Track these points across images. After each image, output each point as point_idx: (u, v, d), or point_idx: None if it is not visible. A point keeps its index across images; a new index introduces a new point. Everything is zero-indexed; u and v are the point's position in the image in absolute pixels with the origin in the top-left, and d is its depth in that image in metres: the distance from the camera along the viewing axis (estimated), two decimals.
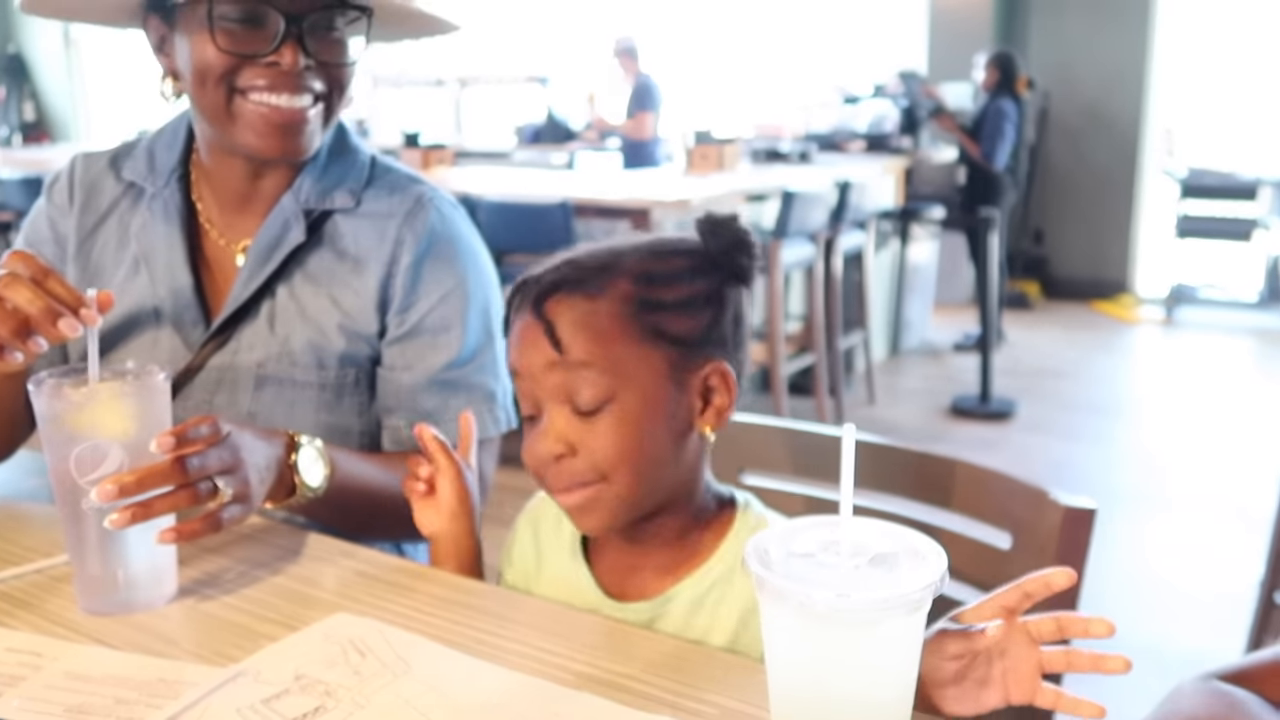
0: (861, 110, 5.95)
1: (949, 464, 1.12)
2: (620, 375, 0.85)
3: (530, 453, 0.88)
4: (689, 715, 0.74)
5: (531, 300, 0.87)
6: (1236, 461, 3.96)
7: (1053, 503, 1.01)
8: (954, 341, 5.65)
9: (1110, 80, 6.66)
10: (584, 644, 0.84)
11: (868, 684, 0.65)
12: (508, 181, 4.94)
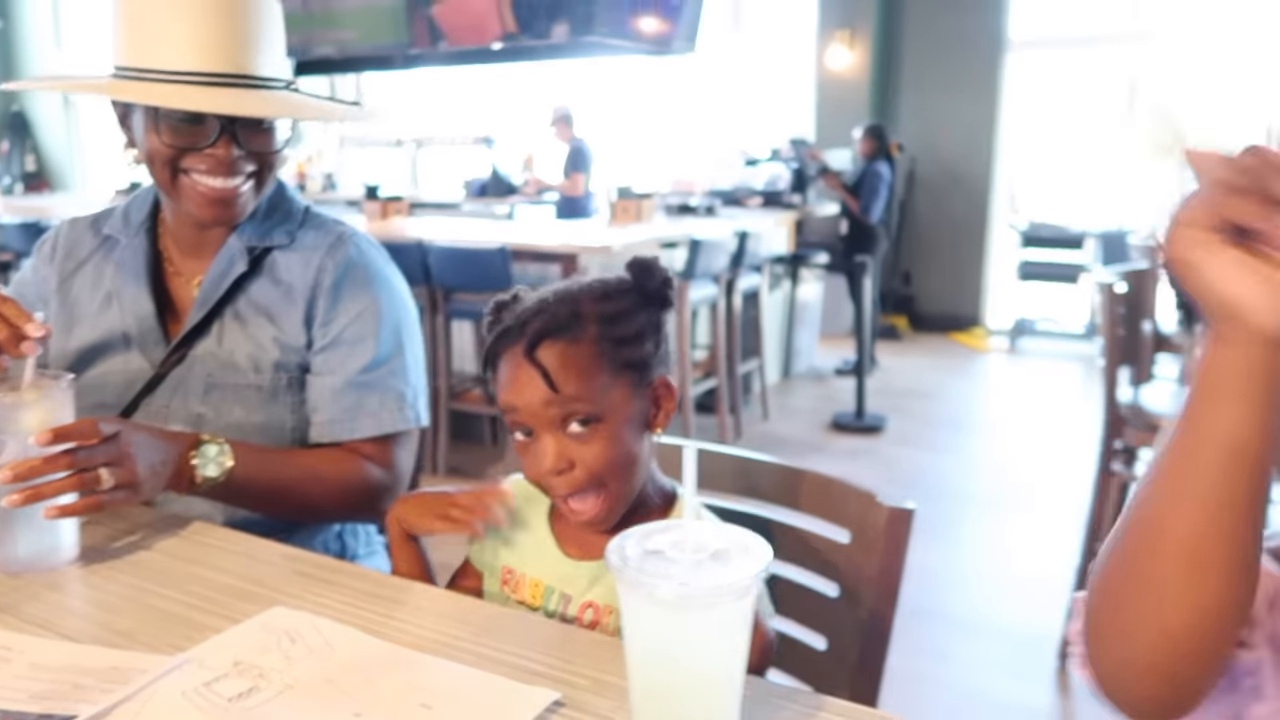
0: (759, 171, 6.04)
1: (800, 474, 1.15)
2: (603, 402, 0.89)
3: (534, 469, 0.92)
4: (564, 685, 0.76)
5: (522, 348, 0.89)
6: (1066, 468, 4.08)
7: (880, 505, 1.05)
8: (835, 366, 5.74)
9: (966, 147, 6.81)
10: (482, 629, 0.86)
11: (706, 656, 0.68)
12: (455, 229, 4.93)
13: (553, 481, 0.91)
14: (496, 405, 0.94)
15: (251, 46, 1.16)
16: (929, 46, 6.79)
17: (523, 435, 0.92)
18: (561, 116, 6.22)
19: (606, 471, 0.90)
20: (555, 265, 4.20)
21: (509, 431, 0.94)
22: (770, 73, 7.54)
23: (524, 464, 0.94)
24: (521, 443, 0.93)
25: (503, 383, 0.92)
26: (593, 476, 0.90)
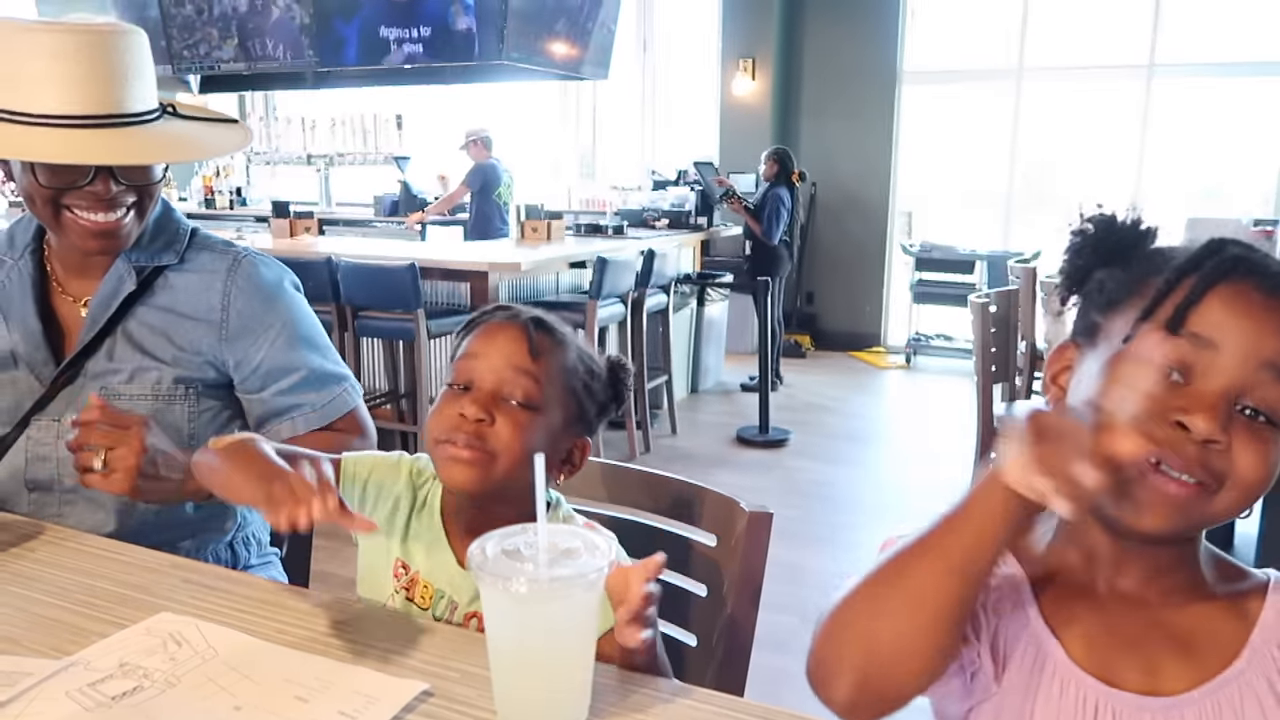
0: (667, 193, 6.15)
1: (669, 481, 1.23)
2: (550, 402, 0.99)
3: (451, 409, 0.96)
4: (434, 678, 0.81)
5: (524, 323, 1.00)
6: (953, 478, 4.23)
7: (741, 510, 1.13)
8: (742, 382, 5.85)
9: (864, 173, 7.01)
10: (360, 629, 0.91)
11: (557, 643, 0.75)
12: (365, 247, 4.92)
13: (457, 427, 0.95)
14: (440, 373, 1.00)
15: (121, 83, 1.16)
16: (827, 76, 7.02)
17: (460, 388, 0.98)
18: (478, 138, 6.23)
19: (507, 449, 0.96)
20: (464, 283, 4.23)
21: (445, 384, 1.00)
22: (678, 98, 7.69)
23: (437, 417, 0.97)
24: (452, 394, 0.98)
25: (476, 338, 1.00)
26: (499, 441, 0.96)
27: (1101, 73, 6.61)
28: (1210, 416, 0.67)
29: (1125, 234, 0.78)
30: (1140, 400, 0.69)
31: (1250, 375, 0.68)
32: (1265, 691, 0.71)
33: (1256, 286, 0.69)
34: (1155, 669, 0.72)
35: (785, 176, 5.78)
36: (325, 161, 6.97)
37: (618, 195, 6.64)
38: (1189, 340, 0.69)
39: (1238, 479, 0.68)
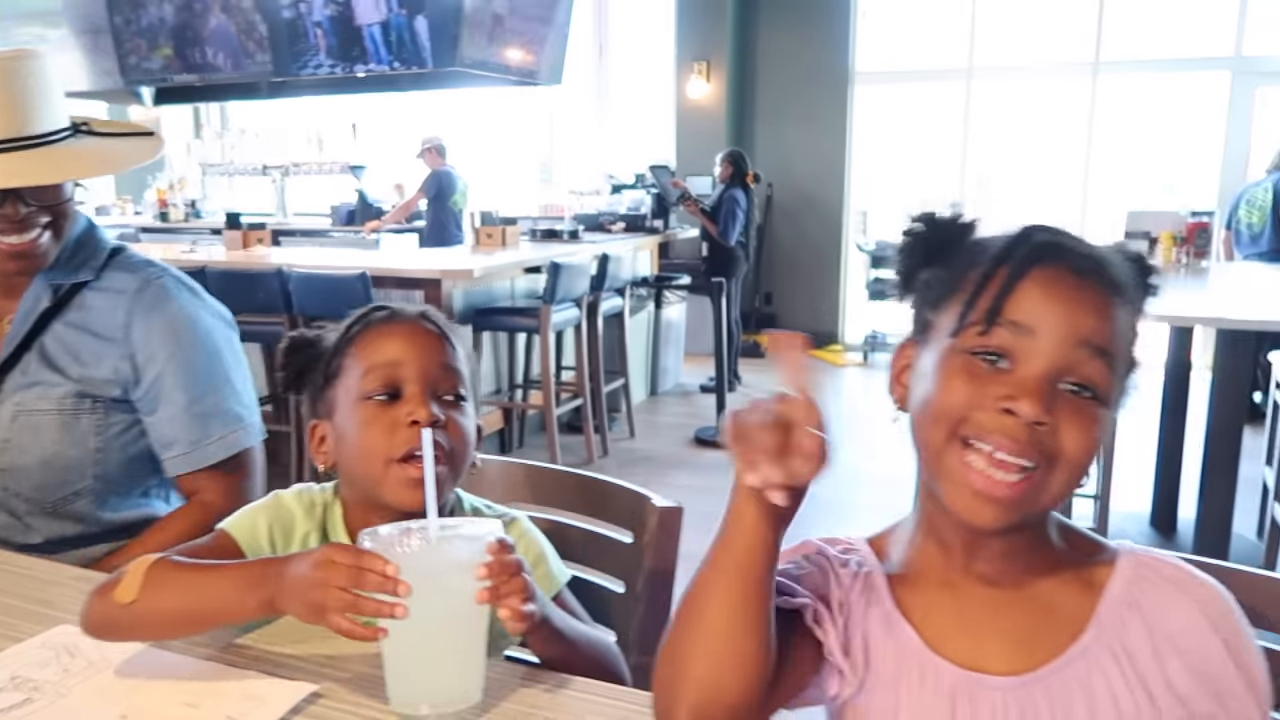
0: (623, 197, 6.17)
1: (584, 479, 1.24)
2: (470, 390, 1.01)
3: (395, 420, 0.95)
4: (324, 679, 0.82)
5: (424, 317, 1.01)
6: (909, 472, 4.31)
7: (653, 505, 1.15)
8: (701, 384, 5.87)
9: (819, 174, 7.07)
10: (253, 635, 0.91)
11: (447, 618, 0.78)
12: (318, 257, 4.89)
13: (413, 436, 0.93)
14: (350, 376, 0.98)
15: (24, 108, 1.18)
16: (781, 78, 7.07)
17: (384, 397, 0.96)
18: (432, 146, 6.21)
19: (463, 445, 0.98)
20: (418, 291, 4.22)
21: (361, 398, 0.96)
22: (634, 102, 7.71)
23: (377, 433, 0.95)
24: (380, 406, 0.96)
25: (382, 345, 0.98)
26: (456, 439, 0.97)
27: (1049, 71, 6.72)
28: (1035, 399, 0.69)
29: (947, 230, 0.80)
30: (969, 392, 0.71)
31: (1069, 354, 0.70)
32: (1109, 664, 0.72)
33: (1066, 269, 0.72)
34: (1011, 649, 0.74)
35: (740, 178, 5.82)
36: (281, 172, 6.92)
37: (575, 200, 6.65)
38: (1008, 328, 0.71)
39: (1067, 456, 0.70)
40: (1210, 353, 3.06)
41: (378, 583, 0.76)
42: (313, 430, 1.03)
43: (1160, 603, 0.73)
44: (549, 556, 1.06)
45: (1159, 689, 0.71)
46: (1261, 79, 6.12)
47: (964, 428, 0.71)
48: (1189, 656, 0.72)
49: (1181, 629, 0.72)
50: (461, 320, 4.29)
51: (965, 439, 0.71)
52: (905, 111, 7.22)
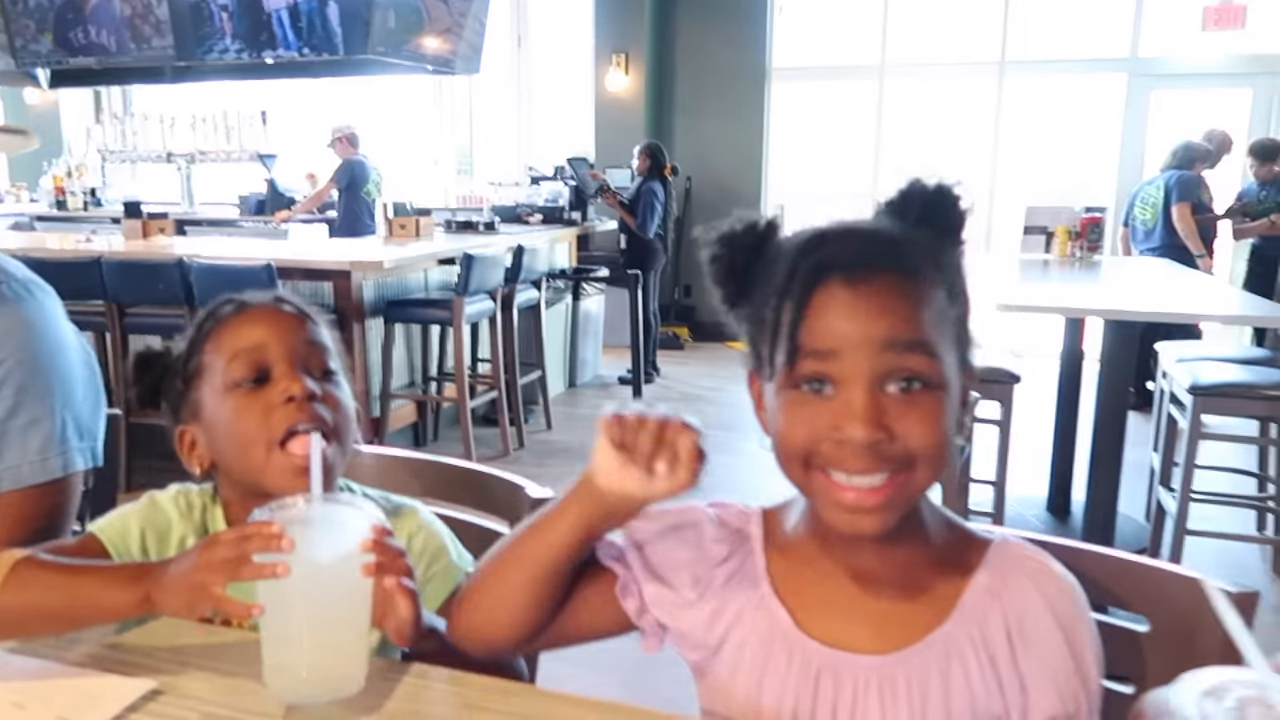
0: (542, 189, 6.14)
1: (459, 469, 1.23)
2: (340, 365, 1.02)
3: (268, 402, 0.93)
4: (167, 676, 0.80)
5: (276, 300, 1.00)
6: None
7: (526, 495, 1.15)
8: (620, 375, 5.88)
9: (737, 168, 7.14)
10: (93, 631, 0.88)
11: (326, 597, 0.77)
12: (223, 247, 4.76)
13: (294, 417, 0.91)
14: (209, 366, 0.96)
15: None
16: (699, 71, 7.12)
17: (252, 382, 0.94)
18: (344, 134, 6.08)
19: (346, 420, 0.96)
20: (327, 283, 4.13)
21: (229, 388, 0.94)
22: (553, 93, 7.68)
23: (252, 419, 0.92)
24: (246, 393, 0.94)
25: (241, 333, 0.95)
26: (338, 413, 0.96)
27: (958, 69, 6.89)
28: (860, 421, 0.68)
29: (745, 243, 0.80)
30: (805, 427, 0.71)
31: (878, 362, 0.69)
32: (968, 650, 0.74)
33: (843, 283, 0.70)
34: (877, 631, 0.76)
35: (658, 170, 5.84)
36: (186, 160, 6.69)
37: (494, 192, 6.59)
38: (811, 358, 0.70)
39: (917, 453, 0.70)
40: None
41: (261, 544, 0.75)
42: (180, 437, 0.99)
43: (1017, 595, 0.75)
44: (449, 547, 1.06)
45: (1009, 679, 0.73)
46: (1156, 81, 6.38)
47: (814, 457, 0.71)
48: (1037, 650, 0.74)
49: (1033, 623, 0.74)
50: (373, 312, 4.23)
51: (819, 466, 0.72)
52: (821, 107, 7.33)
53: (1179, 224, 5.02)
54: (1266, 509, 3.37)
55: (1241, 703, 0.50)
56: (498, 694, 0.80)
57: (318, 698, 0.77)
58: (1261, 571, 3.20)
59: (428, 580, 1.02)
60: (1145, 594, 0.92)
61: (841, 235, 0.74)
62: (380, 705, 0.78)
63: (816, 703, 0.75)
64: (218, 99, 6.74)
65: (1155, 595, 0.91)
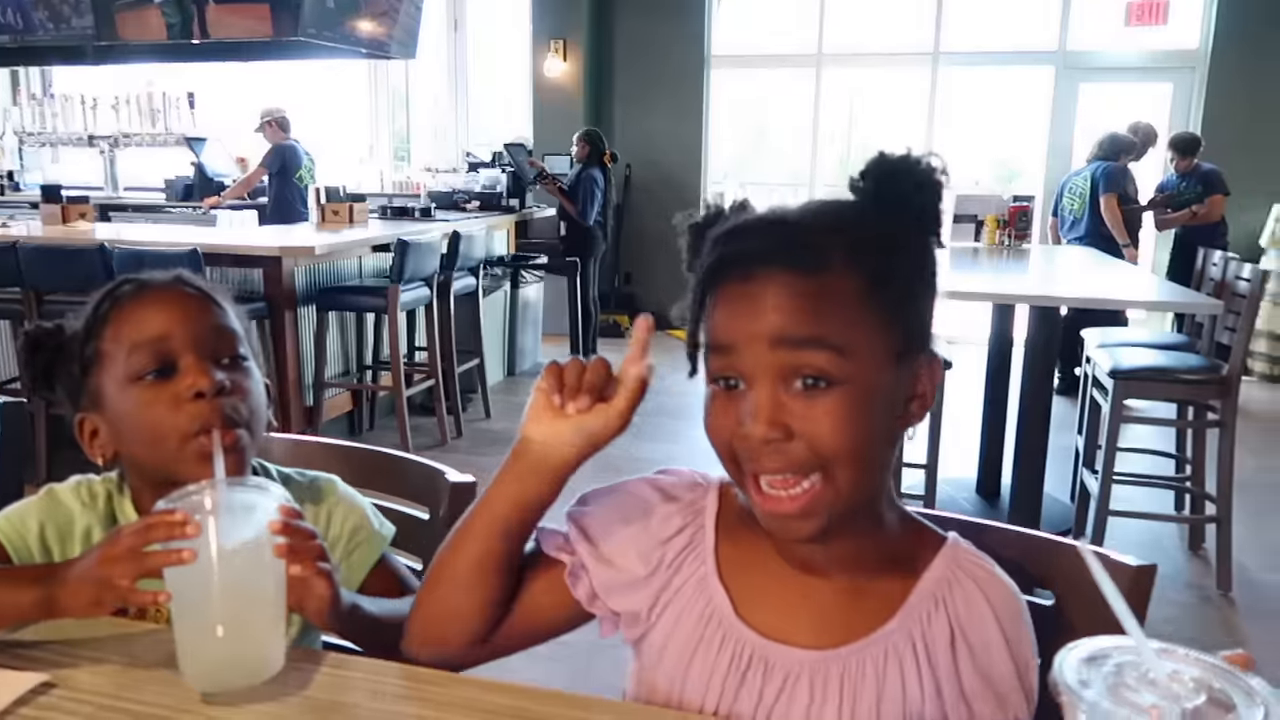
0: (479, 175, 6.07)
1: (379, 455, 1.21)
2: (249, 348, 0.98)
3: (175, 394, 0.89)
4: (61, 670, 0.77)
5: (179, 282, 0.95)
6: None
7: (446, 480, 1.13)
8: None
9: (677, 155, 7.13)
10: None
11: (239, 578, 0.75)
12: (149, 233, 4.62)
13: (206, 412, 0.88)
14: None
15: None
16: (638, 58, 7.10)
17: (155, 374, 0.90)
18: (273, 118, 5.92)
19: (259, 407, 0.94)
20: (257, 270, 4.04)
21: (132, 380, 0.90)
22: (490, 79, 7.59)
23: (161, 412, 0.89)
24: (154, 385, 0.90)
25: (142, 320, 0.91)
26: (251, 401, 0.93)
27: (893, 60, 6.98)
28: (758, 419, 0.67)
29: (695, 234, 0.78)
30: (721, 423, 0.71)
31: (772, 358, 0.67)
32: (906, 651, 0.73)
33: (735, 279, 0.69)
34: (818, 625, 0.75)
35: (597, 157, 5.82)
36: (109, 143, 6.47)
37: (431, 178, 6.50)
38: (713, 353, 0.70)
39: (829, 451, 0.67)
40: None
41: (165, 532, 0.73)
42: (80, 425, 0.95)
43: (962, 600, 0.74)
44: (370, 517, 1.04)
45: (948, 684, 0.72)
46: (1082, 74, 6.54)
47: (737, 457, 0.70)
48: (978, 655, 0.73)
49: (978, 634, 0.73)
50: (305, 300, 4.14)
51: (749, 470, 0.70)
52: (760, 95, 7.37)
53: (1105, 214, 5.15)
54: (1184, 489, 3.49)
55: (1119, 668, 0.51)
56: (422, 682, 0.79)
57: (234, 685, 0.75)
58: (1179, 550, 3.31)
59: (351, 550, 1.01)
60: (1052, 569, 0.94)
61: (747, 230, 0.72)
62: (298, 694, 0.76)
63: (741, 691, 0.74)
64: (143, 81, 6.53)
65: (1057, 570, 0.93)
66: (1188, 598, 2.94)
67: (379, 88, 7.67)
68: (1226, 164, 5.48)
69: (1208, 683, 0.51)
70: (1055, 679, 0.51)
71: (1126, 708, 0.49)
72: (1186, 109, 6.38)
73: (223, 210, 5.76)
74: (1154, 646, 0.53)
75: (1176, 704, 0.49)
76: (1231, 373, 2.91)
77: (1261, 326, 5.63)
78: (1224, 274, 3.29)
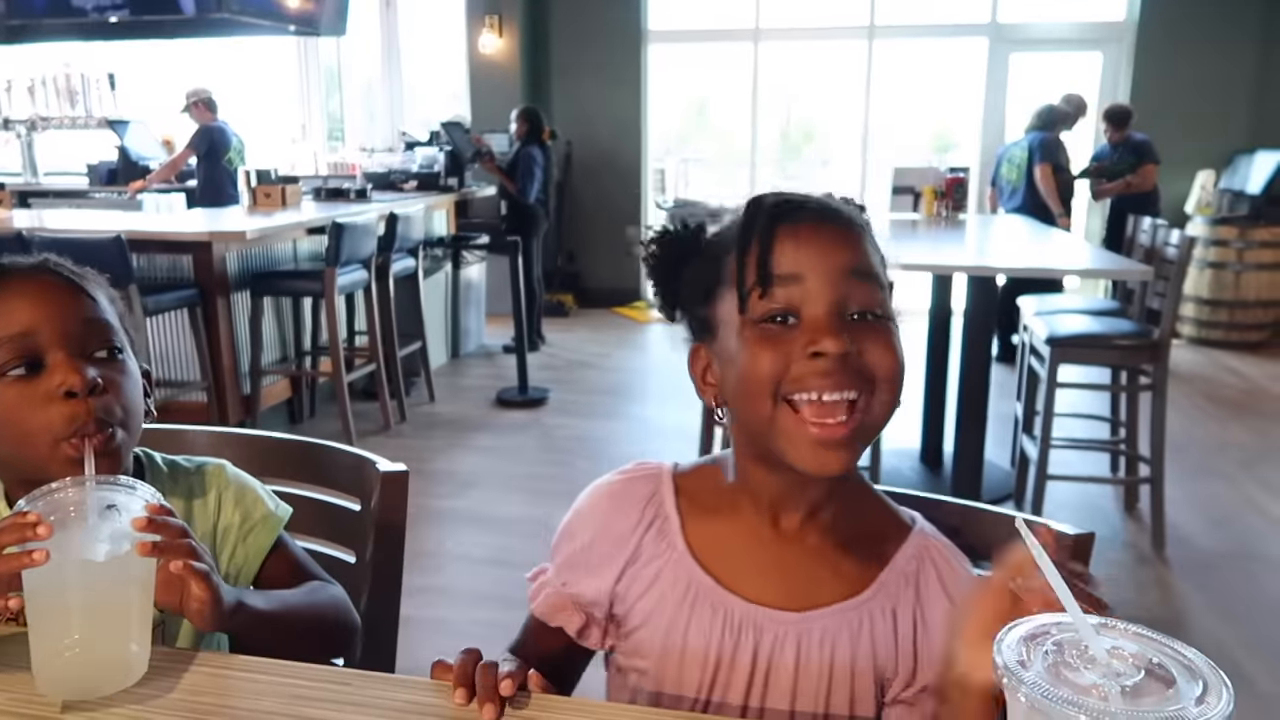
0: (417, 154, 5.95)
1: (308, 446, 1.17)
2: (124, 339, 0.93)
3: (43, 393, 0.84)
4: None
5: (44, 268, 0.89)
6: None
7: (376, 470, 1.09)
8: (504, 344, 5.80)
9: (616, 132, 7.06)
10: None
11: (91, 577, 0.72)
12: (71, 219, 4.45)
13: (78, 413, 0.84)
14: None
15: None
16: (575, 35, 7.00)
17: (22, 370, 0.85)
18: (199, 99, 5.72)
19: (134, 407, 0.89)
20: (186, 255, 3.91)
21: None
22: (425, 56, 7.44)
23: (30, 412, 0.84)
24: (18, 383, 0.84)
25: (4, 312, 0.85)
26: (126, 401, 0.88)
27: (829, 34, 6.98)
28: (832, 334, 0.74)
29: (683, 240, 0.86)
30: (775, 354, 0.75)
31: (841, 286, 0.75)
32: (880, 619, 0.82)
33: (805, 216, 0.78)
34: (793, 591, 0.82)
35: (537, 135, 5.74)
36: (26, 126, 6.20)
37: (366, 158, 6.35)
38: (782, 284, 0.76)
39: (881, 375, 0.75)
40: None
41: (15, 535, 0.70)
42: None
43: (929, 589, 0.83)
44: (264, 497, 1.02)
45: (905, 651, 0.82)
46: (1014, 45, 6.61)
47: (783, 387, 0.75)
48: (934, 640, 0.81)
49: (935, 617, 0.82)
50: (238, 285, 4.03)
51: (788, 398, 0.75)
52: (698, 70, 7.32)
53: (1041, 184, 5.23)
54: (1119, 452, 3.57)
55: (1059, 645, 0.50)
56: (306, 679, 0.76)
57: (92, 691, 0.72)
58: (1116, 512, 3.39)
59: (246, 534, 0.99)
60: (994, 541, 0.94)
61: (784, 193, 0.81)
62: (165, 696, 0.73)
63: (737, 650, 0.81)
64: (59, 62, 6.26)
65: (998, 541, 0.93)
66: (1124, 557, 3.01)
67: (309, 66, 7.46)
68: (1154, 133, 5.59)
69: (1147, 658, 0.50)
70: (994, 659, 0.50)
71: (1067, 688, 0.48)
72: (1115, 79, 6.49)
73: (149, 194, 5.57)
74: (1092, 622, 0.52)
75: (1116, 681, 0.48)
76: (1162, 337, 2.98)
77: (1189, 291, 5.79)
78: (1153, 240, 3.35)
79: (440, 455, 4.02)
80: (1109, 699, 0.47)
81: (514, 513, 3.42)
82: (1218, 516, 3.33)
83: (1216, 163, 6.20)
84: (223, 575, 0.95)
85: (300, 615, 0.93)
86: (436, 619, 2.57)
